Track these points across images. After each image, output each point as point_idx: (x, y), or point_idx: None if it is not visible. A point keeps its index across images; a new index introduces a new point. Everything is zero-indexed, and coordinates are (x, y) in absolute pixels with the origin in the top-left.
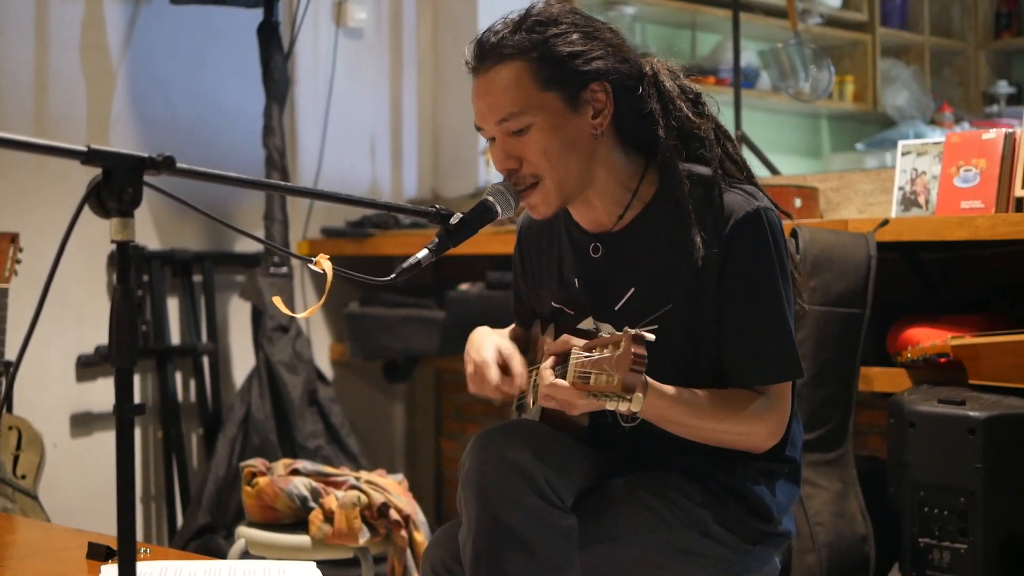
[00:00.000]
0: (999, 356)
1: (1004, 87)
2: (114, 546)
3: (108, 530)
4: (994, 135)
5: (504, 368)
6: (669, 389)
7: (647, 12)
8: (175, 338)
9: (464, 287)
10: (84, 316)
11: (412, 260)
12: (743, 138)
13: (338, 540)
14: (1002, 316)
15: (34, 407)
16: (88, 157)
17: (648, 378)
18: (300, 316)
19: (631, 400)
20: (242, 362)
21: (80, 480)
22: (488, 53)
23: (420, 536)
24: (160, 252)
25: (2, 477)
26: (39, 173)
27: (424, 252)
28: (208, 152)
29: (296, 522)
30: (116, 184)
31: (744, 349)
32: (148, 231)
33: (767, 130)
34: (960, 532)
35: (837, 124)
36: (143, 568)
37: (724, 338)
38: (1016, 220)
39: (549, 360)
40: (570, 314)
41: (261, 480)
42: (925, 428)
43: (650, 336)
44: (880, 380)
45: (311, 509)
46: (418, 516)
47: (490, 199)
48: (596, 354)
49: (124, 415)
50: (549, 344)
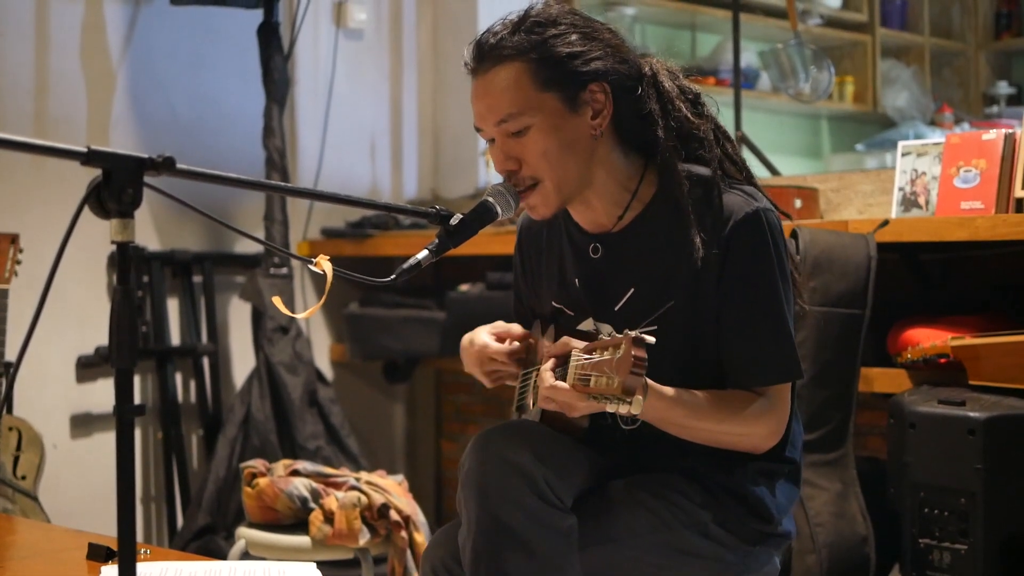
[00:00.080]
0: (999, 357)
1: (1004, 88)
2: (114, 547)
3: (108, 531)
4: (994, 136)
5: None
6: (669, 390)
7: (647, 13)
8: (175, 339)
9: (464, 288)
10: (84, 317)
11: (412, 261)
12: (743, 139)
13: (338, 541)
14: (1002, 317)
15: (34, 408)
16: (88, 158)
17: (648, 380)
18: (300, 317)
19: (631, 403)
20: (242, 363)
21: (80, 481)
22: (487, 54)
23: (420, 537)
24: (160, 253)
25: (2, 478)
26: (39, 174)
27: (424, 253)
28: (208, 153)
29: (296, 523)
30: (116, 185)
31: (743, 350)
32: (148, 232)
33: (767, 131)
34: (960, 533)
35: (837, 125)
36: (143, 569)
37: (723, 339)
38: (1016, 221)
39: (549, 362)
40: (570, 314)
41: (261, 481)
42: (925, 429)
43: (650, 339)
44: (880, 381)
45: (311, 510)
46: (418, 517)
47: (490, 200)
48: (596, 356)
49: (124, 416)
50: (549, 346)
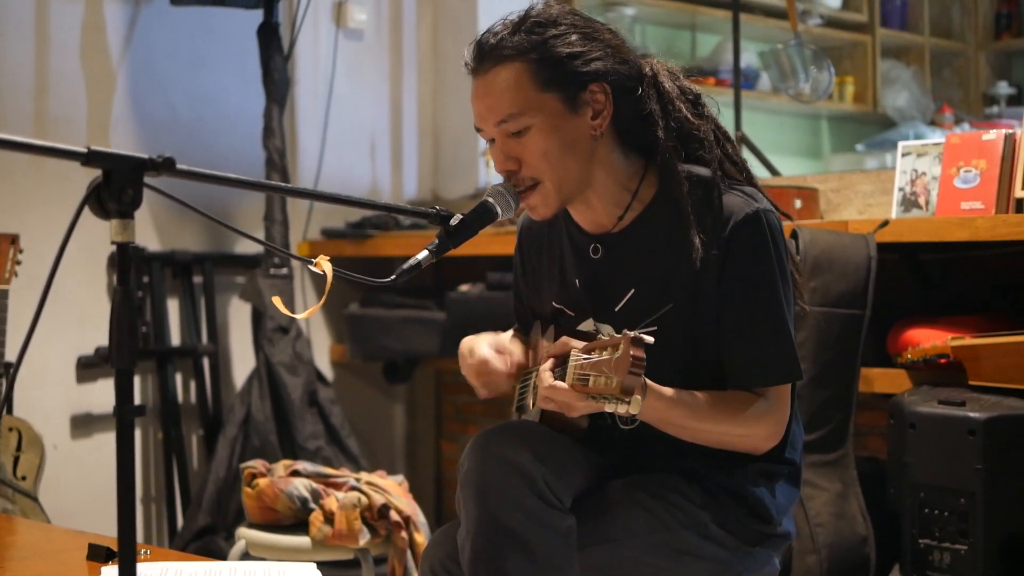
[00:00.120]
0: (999, 357)
1: (1004, 88)
2: (114, 547)
3: (108, 531)
4: (994, 136)
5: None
6: (668, 391)
7: (647, 13)
8: (175, 339)
9: (464, 288)
10: (84, 317)
11: (412, 261)
12: (743, 139)
13: (338, 541)
14: (1002, 317)
15: (34, 408)
16: (88, 158)
17: (647, 380)
18: (300, 317)
19: (629, 402)
20: (242, 363)
21: (80, 481)
22: (487, 54)
23: (420, 537)
24: (160, 253)
25: (2, 478)
26: (39, 174)
27: (424, 253)
28: (208, 153)
29: (296, 523)
30: (116, 185)
31: (743, 351)
32: (148, 232)
33: (767, 131)
34: (960, 533)
35: (837, 125)
36: (143, 569)
37: (723, 340)
38: (1016, 221)
39: (548, 362)
40: (570, 315)
41: (261, 481)
42: (925, 429)
43: (649, 339)
44: (880, 381)
45: (311, 510)
46: (418, 517)
47: (490, 200)
48: (595, 356)
49: (124, 416)
50: (548, 346)
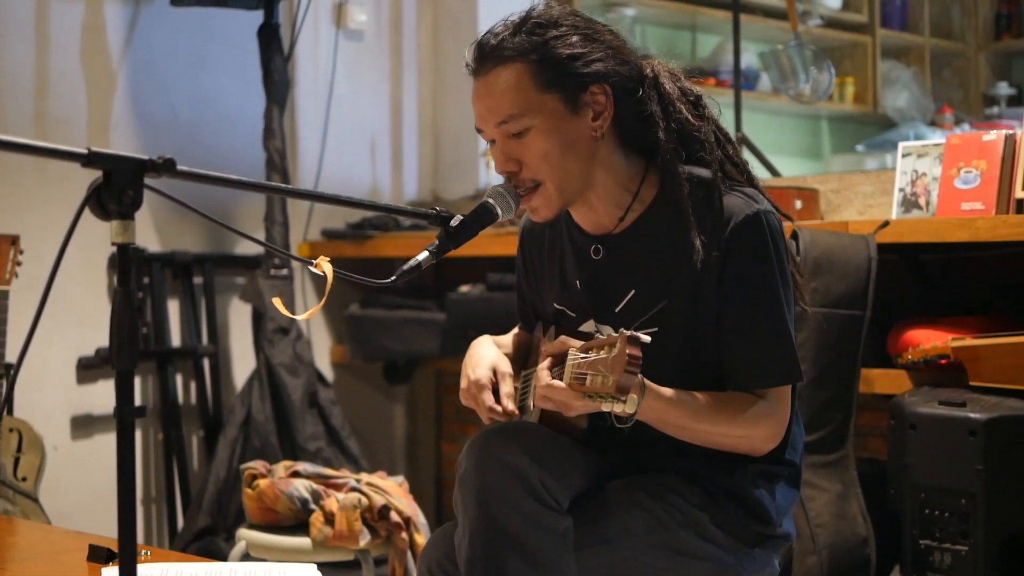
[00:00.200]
0: (1000, 358)
1: (1004, 88)
2: (115, 548)
3: (109, 532)
4: (994, 137)
5: (495, 388)
6: (667, 391)
7: (647, 14)
8: (175, 340)
9: (464, 289)
10: (85, 318)
11: (412, 262)
12: (743, 140)
13: (339, 542)
14: (1003, 317)
15: (35, 409)
16: (89, 159)
17: (646, 380)
18: (300, 318)
19: (626, 401)
20: (242, 364)
21: (81, 482)
22: (488, 55)
23: (421, 538)
24: (161, 254)
25: (3, 479)
26: (40, 175)
27: (424, 254)
28: (208, 154)
29: (297, 524)
30: (116, 186)
31: (743, 352)
32: (149, 233)
33: (767, 132)
34: (961, 534)
35: (837, 126)
36: (144, 570)
37: (723, 341)
38: (1016, 221)
39: (546, 361)
40: (572, 316)
41: (262, 482)
42: (926, 430)
43: (645, 338)
44: (881, 382)
45: (312, 511)
46: (419, 518)
47: (490, 201)
48: (592, 355)
49: (125, 417)
50: (547, 345)
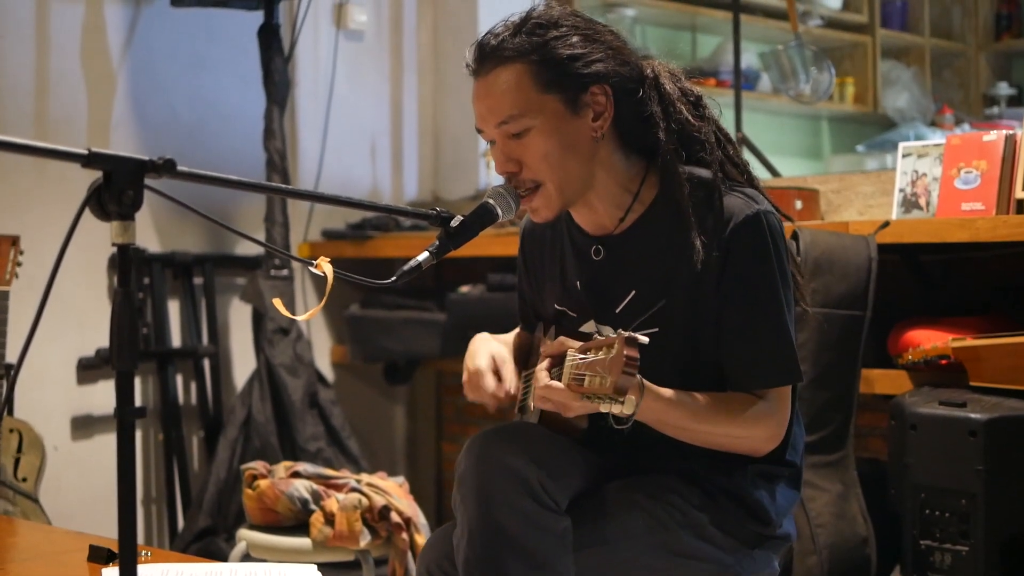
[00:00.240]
0: (1000, 358)
1: (1004, 89)
2: (115, 549)
3: (109, 533)
4: (995, 137)
5: (498, 375)
6: (667, 392)
7: (647, 14)
8: (176, 340)
9: (465, 289)
10: (85, 319)
11: (413, 262)
12: (744, 140)
13: (339, 543)
14: (1003, 318)
15: (35, 410)
16: (89, 160)
17: (645, 381)
18: (301, 318)
19: (623, 402)
20: (243, 364)
21: (81, 483)
22: (488, 56)
23: (421, 539)
24: (161, 255)
25: (3, 480)
26: (40, 176)
27: (425, 255)
28: (209, 155)
29: (297, 525)
30: (117, 187)
31: (743, 353)
32: (149, 234)
33: (768, 132)
34: (961, 534)
35: (838, 126)
36: (144, 571)
37: (723, 341)
38: (1017, 222)
39: (545, 362)
40: (572, 316)
41: (262, 483)
42: (926, 430)
43: (643, 339)
44: (881, 382)
45: (312, 512)
46: (419, 518)
47: (490, 201)
48: (591, 356)
49: (125, 418)
50: (546, 346)
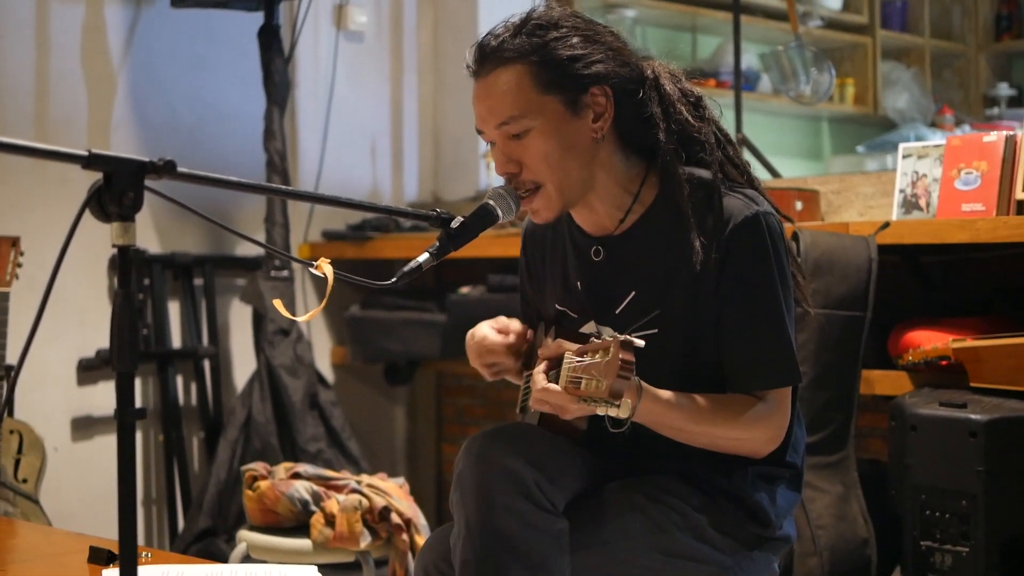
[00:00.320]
0: (1000, 359)
1: (1005, 89)
2: (115, 550)
3: (109, 534)
4: (995, 138)
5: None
6: (666, 394)
7: (647, 15)
8: (176, 341)
9: (465, 290)
10: (85, 320)
11: (413, 263)
12: (744, 141)
13: (339, 544)
14: (1003, 319)
15: (35, 411)
16: (89, 161)
17: (644, 383)
18: (301, 319)
19: (619, 406)
20: (243, 365)
21: (81, 484)
22: (488, 57)
23: (421, 540)
24: (161, 256)
25: (3, 481)
26: (40, 177)
27: (425, 255)
28: (209, 156)
29: (297, 526)
30: (117, 188)
31: (742, 354)
32: (149, 235)
33: (768, 133)
34: (962, 535)
35: (838, 127)
36: (144, 572)
37: (723, 342)
38: (1017, 223)
39: (543, 364)
40: (573, 317)
41: (262, 484)
42: (926, 431)
43: (639, 342)
44: (881, 383)
45: (312, 513)
46: (419, 520)
47: (491, 202)
48: (587, 359)
49: (125, 419)
50: (543, 348)
